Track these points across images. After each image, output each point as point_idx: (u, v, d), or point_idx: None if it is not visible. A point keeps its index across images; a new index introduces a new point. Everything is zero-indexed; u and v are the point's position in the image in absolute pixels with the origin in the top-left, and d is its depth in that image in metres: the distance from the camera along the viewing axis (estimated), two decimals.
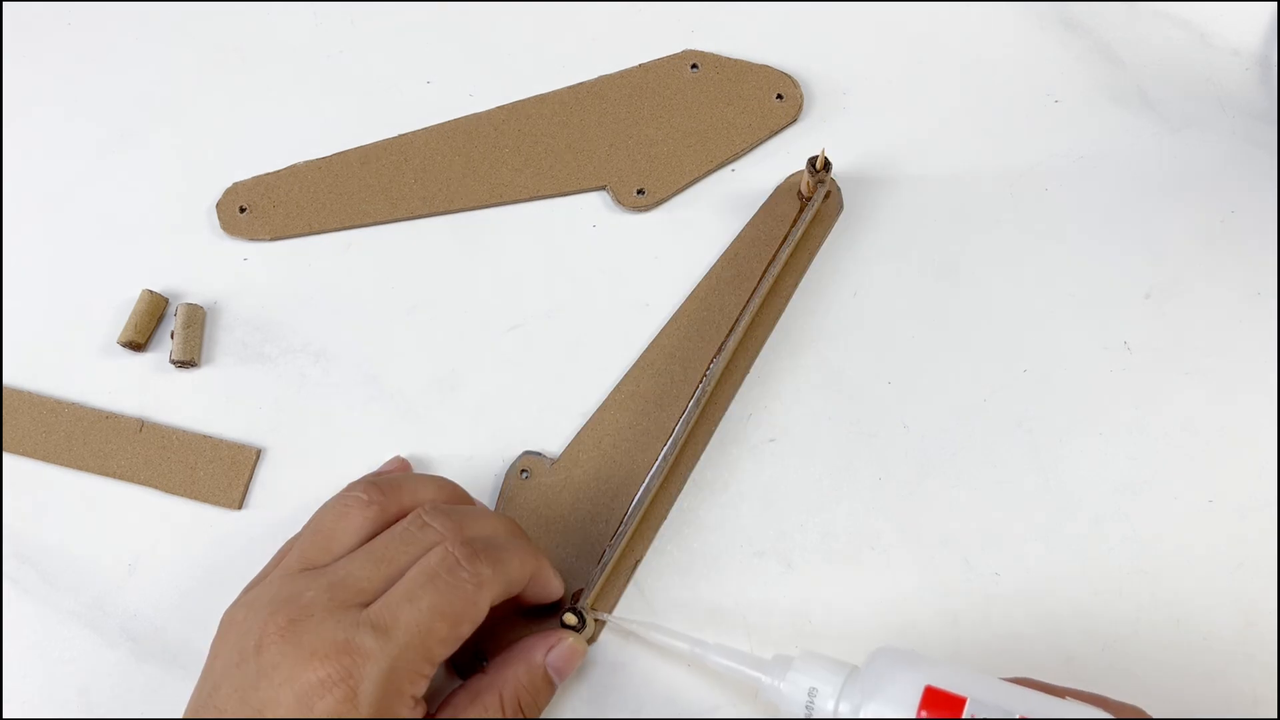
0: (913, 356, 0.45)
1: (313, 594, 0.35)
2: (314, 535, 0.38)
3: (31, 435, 0.45)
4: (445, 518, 0.37)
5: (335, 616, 0.34)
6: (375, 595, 0.35)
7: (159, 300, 0.46)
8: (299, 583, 0.36)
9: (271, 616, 0.34)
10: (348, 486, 0.40)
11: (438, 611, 0.34)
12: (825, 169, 0.45)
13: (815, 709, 0.36)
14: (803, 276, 0.46)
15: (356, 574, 0.36)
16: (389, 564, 0.36)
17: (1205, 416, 0.44)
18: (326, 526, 0.38)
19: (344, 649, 0.33)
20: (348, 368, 0.46)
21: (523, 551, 0.38)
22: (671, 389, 0.44)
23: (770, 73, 0.49)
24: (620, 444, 0.44)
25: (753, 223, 0.47)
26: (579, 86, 0.50)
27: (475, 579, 0.35)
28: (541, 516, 0.42)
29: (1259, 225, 0.47)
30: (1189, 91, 0.49)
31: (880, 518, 0.42)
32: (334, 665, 0.33)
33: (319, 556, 0.37)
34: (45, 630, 0.42)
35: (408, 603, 0.34)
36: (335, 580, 0.35)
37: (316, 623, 0.34)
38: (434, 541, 0.36)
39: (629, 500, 0.42)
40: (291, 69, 0.51)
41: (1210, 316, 0.45)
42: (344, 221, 0.48)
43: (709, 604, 0.42)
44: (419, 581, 0.35)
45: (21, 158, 0.50)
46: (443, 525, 0.37)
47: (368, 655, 0.33)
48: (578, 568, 0.42)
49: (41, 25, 0.52)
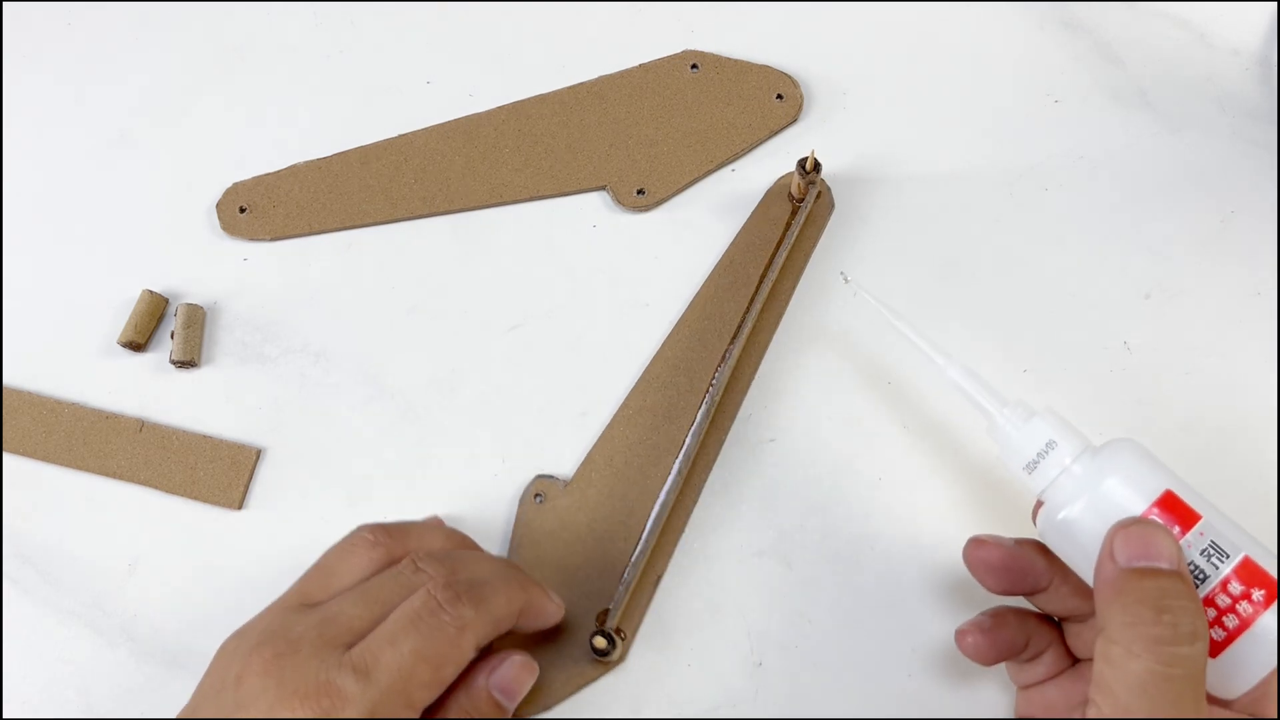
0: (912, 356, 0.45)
1: (301, 629, 0.35)
2: (316, 571, 0.38)
3: (31, 435, 0.45)
4: (438, 563, 0.37)
5: (319, 655, 0.34)
6: (362, 635, 0.35)
7: (159, 300, 0.46)
8: (291, 617, 0.36)
9: (257, 649, 0.34)
10: (357, 528, 0.39)
11: (419, 655, 0.34)
12: (815, 170, 0.45)
13: (1046, 463, 0.34)
14: (800, 278, 0.46)
15: (347, 612, 0.35)
16: (378, 604, 0.35)
17: (1205, 416, 0.44)
18: (329, 564, 0.38)
19: (324, 690, 0.33)
20: (348, 368, 0.46)
21: (510, 588, 0.37)
22: (679, 401, 0.44)
23: (770, 73, 0.49)
24: (632, 460, 0.43)
25: (746, 228, 0.47)
26: (579, 86, 0.50)
27: (457, 621, 0.35)
28: (559, 539, 0.42)
29: (1259, 225, 0.47)
30: (1189, 91, 0.49)
31: (880, 517, 0.42)
32: (313, 705, 0.33)
33: (317, 593, 0.37)
34: (45, 630, 0.42)
35: (389, 645, 0.34)
36: (326, 617, 0.35)
37: (301, 660, 0.34)
38: (422, 584, 0.36)
39: (645, 516, 0.42)
40: (291, 69, 0.51)
41: (1210, 316, 0.45)
42: (344, 221, 0.48)
43: (709, 604, 0.42)
44: (401, 624, 0.34)
45: (22, 158, 0.50)
46: (434, 569, 0.36)
47: (348, 699, 0.33)
48: (600, 587, 0.41)
49: (41, 25, 0.52)
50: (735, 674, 0.41)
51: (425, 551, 0.38)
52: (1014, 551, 0.37)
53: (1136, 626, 0.30)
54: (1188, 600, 0.31)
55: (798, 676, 0.41)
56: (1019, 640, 0.37)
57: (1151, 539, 0.32)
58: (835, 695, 0.40)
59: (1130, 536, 0.32)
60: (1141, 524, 0.32)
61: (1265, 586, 0.32)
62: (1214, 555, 0.32)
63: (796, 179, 0.45)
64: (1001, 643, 0.37)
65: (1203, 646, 0.30)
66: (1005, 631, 0.37)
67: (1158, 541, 0.31)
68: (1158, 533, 0.32)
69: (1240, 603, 0.32)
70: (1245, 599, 0.32)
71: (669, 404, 0.44)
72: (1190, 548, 0.32)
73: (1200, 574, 0.32)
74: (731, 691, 0.41)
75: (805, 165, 0.45)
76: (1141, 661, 0.30)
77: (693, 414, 0.43)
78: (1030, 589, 0.37)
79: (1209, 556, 0.32)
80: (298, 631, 0.35)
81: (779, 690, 0.41)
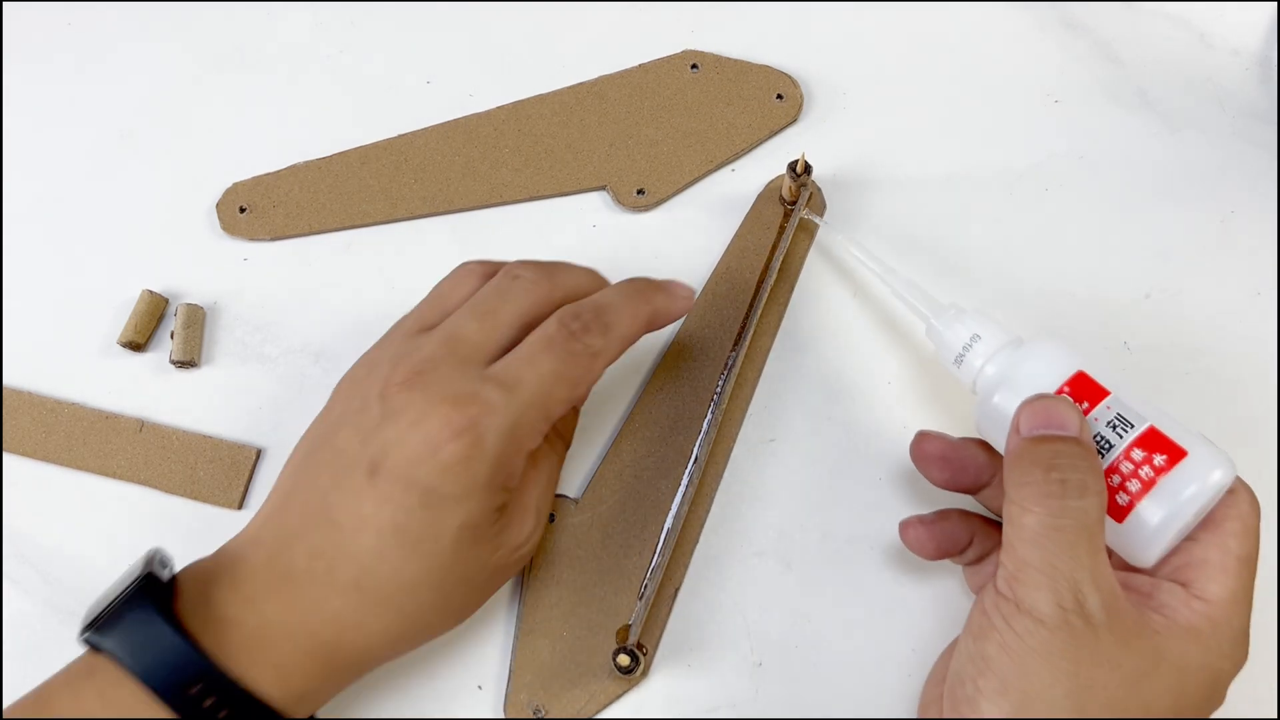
0: (912, 356, 0.45)
1: (431, 348, 0.36)
2: (431, 302, 0.40)
3: (31, 435, 0.45)
4: (534, 268, 0.39)
5: (461, 370, 0.36)
6: (486, 351, 0.36)
7: (159, 300, 0.46)
8: (416, 340, 0.37)
9: (395, 368, 0.36)
10: (463, 263, 0.41)
11: (558, 375, 0.36)
12: (806, 172, 0.45)
13: (970, 355, 0.37)
14: (797, 278, 0.46)
15: (465, 328, 0.37)
16: (491, 316, 0.37)
17: (1205, 416, 0.43)
18: (443, 293, 0.40)
19: (471, 399, 0.35)
20: (348, 368, 0.46)
21: (633, 304, 0.39)
22: (684, 411, 0.44)
23: (770, 73, 0.49)
24: (641, 474, 0.43)
25: (740, 233, 0.47)
26: (579, 86, 0.50)
27: (589, 350, 0.37)
28: (574, 557, 0.42)
29: (1259, 225, 0.47)
30: (1189, 91, 0.49)
31: (880, 517, 0.42)
32: (463, 413, 0.34)
33: (434, 319, 0.39)
34: (45, 630, 0.42)
35: (529, 365, 0.36)
36: (450, 335, 0.37)
37: (442, 374, 0.35)
38: (526, 291, 0.38)
39: (659, 529, 0.42)
40: (291, 69, 0.51)
41: (1210, 316, 0.45)
42: (344, 221, 0.48)
43: (709, 603, 0.42)
44: (538, 347, 0.36)
45: (22, 158, 0.50)
46: (532, 274, 0.38)
47: (494, 408, 0.35)
48: (618, 603, 0.41)
49: (41, 25, 0.52)
50: (735, 674, 0.41)
51: (517, 261, 0.40)
52: (955, 444, 0.39)
53: (1028, 485, 0.33)
54: (1079, 460, 0.33)
55: (798, 676, 0.41)
56: (961, 536, 0.39)
57: (1052, 410, 0.34)
58: (835, 695, 0.40)
59: (1034, 409, 0.34)
60: (1044, 398, 0.34)
61: (1168, 452, 0.33)
62: (1119, 426, 0.34)
63: (787, 181, 0.45)
64: (942, 536, 0.39)
65: (1096, 501, 0.32)
66: (947, 525, 0.39)
67: (1058, 412, 0.34)
68: (1059, 404, 0.34)
69: (1142, 467, 0.33)
70: (1147, 464, 0.33)
71: (674, 415, 0.44)
72: (1098, 421, 0.34)
73: (1106, 444, 0.34)
74: (731, 691, 0.41)
75: (796, 168, 0.45)
76: (1033, 515, 0.32)
77: (698, 424, 0.43)
78: (973, 483, 0.39)
79: (1114, 427, 0.34)
80: (427, 350, 0.36)
81: (779, 690, 0.41)
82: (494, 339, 0.37)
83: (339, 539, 0.34)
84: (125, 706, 0.32)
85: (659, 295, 0.40)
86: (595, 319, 0.37)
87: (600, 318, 0.37)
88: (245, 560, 0.35)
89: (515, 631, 0.41)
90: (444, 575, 0.35)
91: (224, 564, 0.35)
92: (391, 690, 0.40)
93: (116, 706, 0.32)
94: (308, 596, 0.34)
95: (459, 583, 0.36)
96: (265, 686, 0.33)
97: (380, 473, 0.34)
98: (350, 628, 0.34)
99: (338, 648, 0.35)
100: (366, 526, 0.34)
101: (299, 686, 0.34)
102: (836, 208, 0.47)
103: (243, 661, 0.33)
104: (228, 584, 0.35)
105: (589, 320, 0.37)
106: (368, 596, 0.34)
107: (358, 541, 0.34)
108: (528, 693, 0.40)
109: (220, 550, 0.37)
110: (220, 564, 0.36)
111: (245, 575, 0.35)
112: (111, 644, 0.33)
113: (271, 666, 0.34)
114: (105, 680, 0.33)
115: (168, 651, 0.32)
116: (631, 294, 0.39)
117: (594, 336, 0.37)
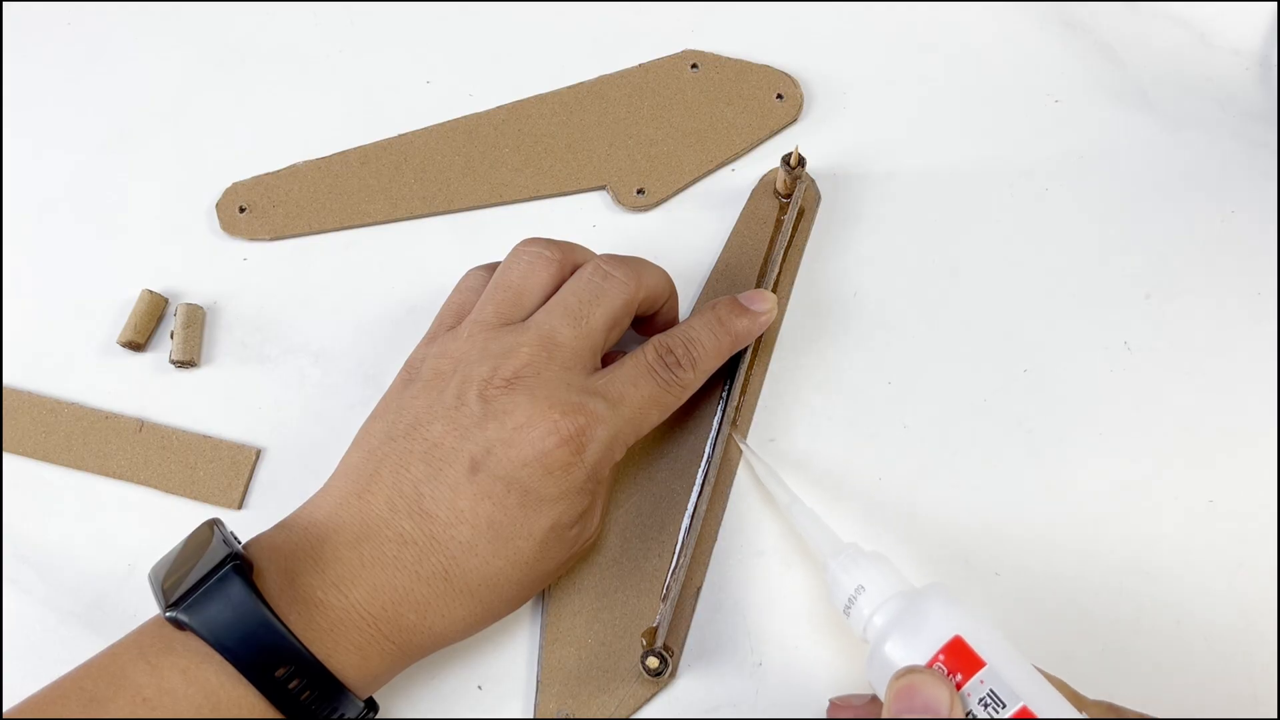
0: (913, 356, 0.45)
1: (529, 351, 0.37)
2: (505, 292, 0.40)
3: (31, 435, 0.45)
4: (623, 267, 0.40)
5: (562, 377, 0.37)
6: (582, 358, 0.38)
7: (159, 300, 0.46)
8: (505, 340, 0.38)
9: (496, 369, 0.37)
10: (522, 243, 0.41)
11: (653, 400, 0.38)
12: (800, 165, 0.45)
13: (855, 608, 0.36)
14: (795, 276, 0.46)
15: (561, 333, 0.38)
16: (584, 321, 0.38)
17: (1205, 416, 0.44)
18: (515, 282, 0.40)
19: (579, 409, 0.36)
20: (348, 368, 0.46)
21: (715, 342, 0.40)
22: (694, 410, 0.44)
23: (770, 73, 0.49)
24: (655, 475, 0.43)
25: (736, 229, 0.47)
26: (579, 86, 0.50)
27: (682, 383, 0.39)
28: (593, 562, 0.42)
29: (1259, 225, 0.47)
30: (1189, 91, 0.49)
31: (880, 517, 0.42)
32: (571, 421, 0.36)
33: (514, 312, 0.39)
34: (45, 630, 0.42)
35: (632, 386, 0.38)
36: (543, 338, 0.38)
37: (545, 380, 0.37)
38: (618, 292, 0.39)
39: (677, 530, 0.42)
40: (291, 69, 0.51)
41: (1210, 316, 0.45)
42: (344, 221, 0.48)
43: (709, 603, 0.42)
44: (640, 372, 0.38)
45: (22, 157, 0.50)
46: (623, 274, 0.39)
47: (600, 419, 0.37)
48: (640, 606, 0.41)
49: (41, 25, 0.52)
50: (735, 674, 0.41)
51: (604, 256, 0.40)
52: (867, 708, 0.37)
53: None
54: None
55: (798, 676, 0.41)
56: None
57: (920, 690, 0.32)
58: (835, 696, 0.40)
59: (902, 690, 0.32)
60: (915, 674, 0.32)
61: None
62: (991, 704, 0.32)
63: (782, 175, 0.45)
64: None
65: None
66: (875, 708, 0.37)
67: (927, 692, 0.32)
68: (929, 683, 0.32)
69: None
70: None
71: (684, 414, 0.43)
72: (970, 696, 0.32)
73: None
74: (731, 691, 0.41)
75: (790, 160, 0.45)
76: None
77: (710, 422, 0.43)
78: None
79: (986, 705, 0.32)
80: (525, 354, 0.37)
81: (779, 690, 0.41)
82: (588, 346, 0.38)
83: (432, 529, 0.36)
84: (211, 685, 0.33)
85: (740, 321, 0.41)
86: (686, 354, 0.39)
87: (690, 352, 0.39)
88: (328, 541, 0.36)
89: (540, 641, 0.41)
90: (526, 570, 0.36)
91: (304, 544, 0.36)
92: (391, 690, 0.40)
93: (201, 684, 0.33)
94: (395, 583, 0.35)
95: (536, 577, 0.37)
96: (347, 669, 0.34)
97: (482, 470, 0.36)
98: (432, 615, 0.36)
99: (416, 633, 0.36)
100: (462, 520, 0.36)
101: (375, 668, 0.35)
102: (837, 207, 0.47)
103: (328, 644, 0.34)
104: (312, 566, 0.35)
105: (681, 356, 0.39)
106: (454, 586, 0.36)
107: (451, 533, 0.35)
108: (557, 702, 0.40)
109: (290, 526, 0.37)
110: (299, 543, 0.36)
111: (331, 558, 0.35)
112: (199, 622, 0.33)
113: (354, 649, 0.35)
114: (189, 658, 0.33)
115: (260, 633, 0.33)
116: (715, 326, 0.41)
117: (685, 371, 0.39)
